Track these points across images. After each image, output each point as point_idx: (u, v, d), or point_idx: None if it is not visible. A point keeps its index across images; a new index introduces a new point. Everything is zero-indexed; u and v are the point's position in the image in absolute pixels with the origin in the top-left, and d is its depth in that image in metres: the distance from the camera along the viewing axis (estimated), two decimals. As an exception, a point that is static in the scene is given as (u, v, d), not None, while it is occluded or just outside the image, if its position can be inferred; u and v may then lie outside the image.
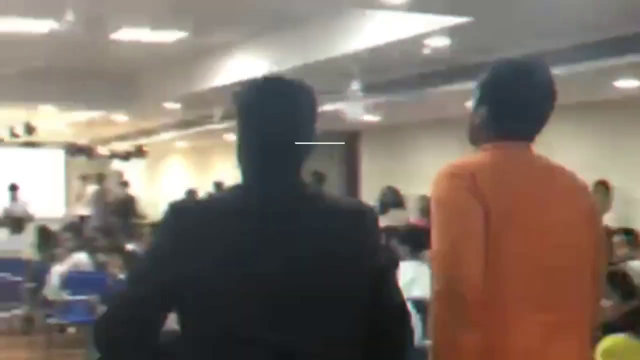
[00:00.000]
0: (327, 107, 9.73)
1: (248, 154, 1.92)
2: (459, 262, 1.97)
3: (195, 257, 1.80)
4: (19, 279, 8.92)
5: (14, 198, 14.45)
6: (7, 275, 9.24)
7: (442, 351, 1.99)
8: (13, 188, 14.54)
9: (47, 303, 7.99)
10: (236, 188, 1.93)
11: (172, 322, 1.84)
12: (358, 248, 1.89)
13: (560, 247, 2.09)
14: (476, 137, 2.20)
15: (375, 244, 1.95)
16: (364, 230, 1.92)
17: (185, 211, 1.90)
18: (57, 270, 8.06)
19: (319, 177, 12.02)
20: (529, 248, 2.05)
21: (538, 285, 2.05)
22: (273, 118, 1.88)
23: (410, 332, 1.99)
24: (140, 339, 1.82)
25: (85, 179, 18.08)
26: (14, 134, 16.12)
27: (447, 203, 2.04)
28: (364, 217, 1.94)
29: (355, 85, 7.88)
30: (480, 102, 2.18)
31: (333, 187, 13.31)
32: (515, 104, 2.14)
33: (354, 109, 8.02)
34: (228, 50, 9.55)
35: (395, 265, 3.64)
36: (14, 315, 8.84)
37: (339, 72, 8.04)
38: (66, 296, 7.58)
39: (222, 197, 2.20)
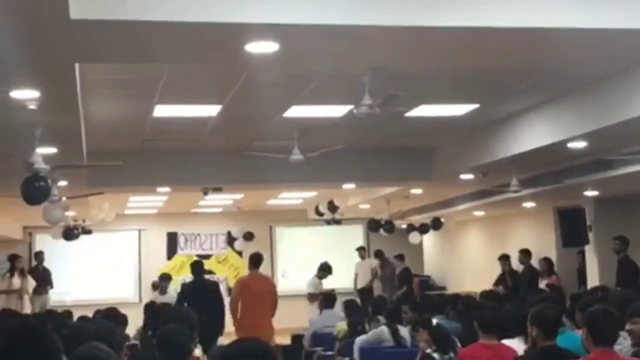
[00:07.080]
0: (624, 171, 9.36)
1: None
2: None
3: (189, 293, 11.02)
4: (329, 353, 9.36)
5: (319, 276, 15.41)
6: (319, 350, 9.73)
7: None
8: (324, 269, 15.40)
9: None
10: (193, 280, 11.55)
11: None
12: (216, 288, 11.39)
13: (261, 295, 10.80)
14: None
15: (217, 288, 11.48)
16: (216, 287, 11.54)
17: (185, 284, 12.20)
18: (360, 341, 8.39)
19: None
20: (252, 294, 10.77)
21: (253, 304, 10.81)
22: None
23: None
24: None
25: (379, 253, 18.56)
26: (319, 212, 17.03)
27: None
28: (217, 284, 12.34)
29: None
30: None
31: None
32: None
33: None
34: (519, 119, 9.52)
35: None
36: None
37: (636, 135, 7.75)
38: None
39: (190, 281, 11.64)
